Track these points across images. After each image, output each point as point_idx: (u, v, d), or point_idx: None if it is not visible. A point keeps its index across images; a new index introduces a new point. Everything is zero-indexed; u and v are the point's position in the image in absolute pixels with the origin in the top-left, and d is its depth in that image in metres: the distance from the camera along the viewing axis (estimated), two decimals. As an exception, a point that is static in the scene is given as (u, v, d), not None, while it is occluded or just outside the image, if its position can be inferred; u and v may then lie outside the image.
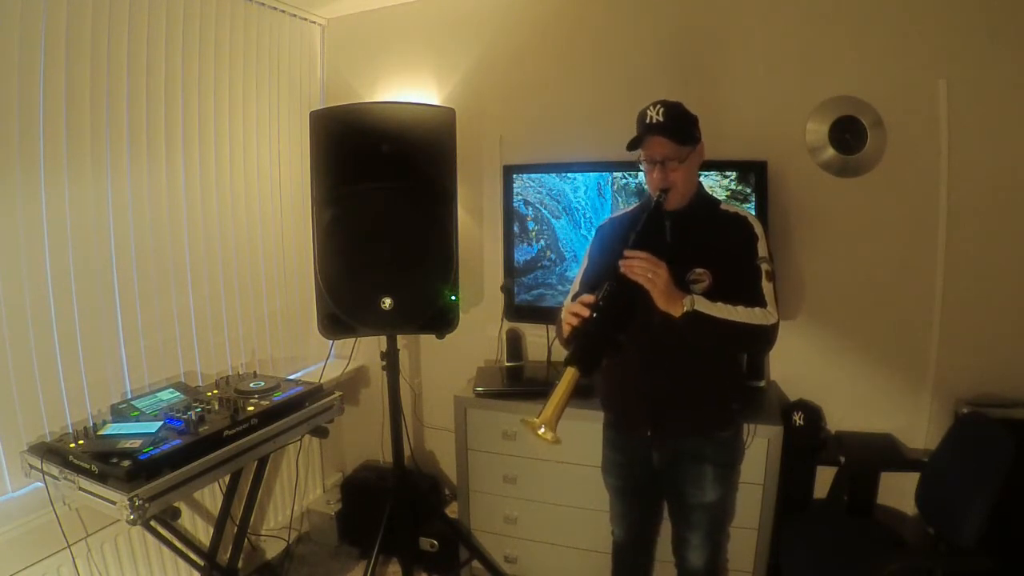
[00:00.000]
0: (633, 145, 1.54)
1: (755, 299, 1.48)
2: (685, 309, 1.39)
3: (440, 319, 2.10)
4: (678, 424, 1.61)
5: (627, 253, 1.40)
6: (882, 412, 2.19)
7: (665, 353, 1.56)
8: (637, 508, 1.81)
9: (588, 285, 1.65)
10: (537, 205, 2.36)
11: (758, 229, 1.56)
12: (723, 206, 1.64)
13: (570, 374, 1.35)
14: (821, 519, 2.03)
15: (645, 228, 1.48)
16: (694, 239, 1.54)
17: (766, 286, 1.51)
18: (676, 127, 1.49)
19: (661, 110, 1.49)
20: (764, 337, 1.48)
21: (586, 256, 1.75)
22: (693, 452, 1.63)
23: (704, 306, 1.41)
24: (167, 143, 2.08)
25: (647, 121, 1.50)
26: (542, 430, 1.33)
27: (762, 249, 1.54)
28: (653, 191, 1.55)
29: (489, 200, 2.63)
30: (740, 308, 1.45)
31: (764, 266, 1.52)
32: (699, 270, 1.51)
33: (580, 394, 1.89)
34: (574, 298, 1.65)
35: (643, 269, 1.37)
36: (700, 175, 1.67)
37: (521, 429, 1.42)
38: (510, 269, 2.43)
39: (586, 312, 1.38)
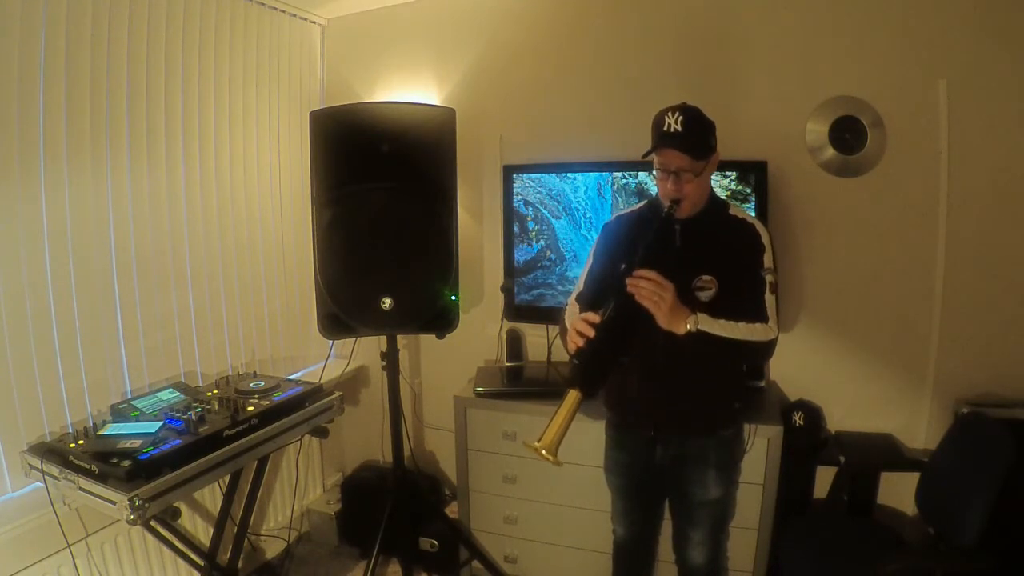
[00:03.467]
0: (648, 154, 1.52)
1: (757, 312, 1.50)
2: (689, 328, 1.40)
3: (440, 319, 2.10)
4: (681, 422, 1.62)
5: (632, 278, 1.40)
6: (882, 412, 2.19)
7: (668, 355, 1.57)
8: (639, 507, 1.81)
9: (593, 287, 1.67)
10: (537, 205, 2.36)
11: (765, 239, 1.55)
12: (732, 210, 1.62)
13: (572, 397, 1.37)
14: (821, 519, 2.03)
15: (654, 239, 1.47)
16: (702, 245, 1.55)
17: (768, 299, 1.51)
18: (693, 139, 1.45)
19: (680, 119, 1.44)
20: (763, 352, 1.51)
21: (591, 255, 1.75)
22: (696, 450, 1.64)
23: (708, 325, 1.42)
24: (167, 143, 2.08)
25: (664, 129, 1.46)
26: (544, 452, 1.35)
27: (767, 260, 1.54)
28: (664, 200, 1.53)
29: (489, 200, 2.63)
30: (742, 325, 1.46)
31: (768, 278, 1.52)
32: (706, 277, 1.52)
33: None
34: (578, 298, 1.67)
35: (649, 292, 1.38)
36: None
37: (524, 443, 1.45)
38: (510, 269, 2.43)
39: (591, 332, 1.39)
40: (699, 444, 1.64)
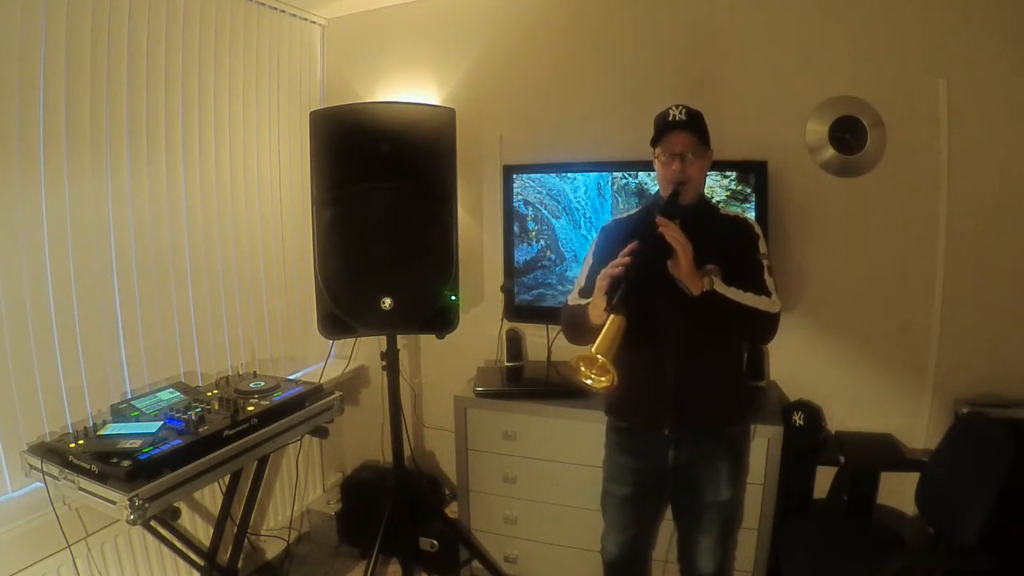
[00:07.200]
0: (655, 141, 1.61)
1: (760, 289, 1.57)
2: (705, 288, 1.47)
3: (440, 319, 2.10)
4: (695, 419, 1.63)
5: (660, 220, 1.47)
6: (882, 412, 2.19)
7: (682, 351, 1.61)
8: (639, 519, 1.80)
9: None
10: (537, 205, 2.36)
11: (758, 229, 1.67)
12: (723, 210, 1.73)
13: (615, 321, 1.40)
14: (821, 519, 2.03)
15: (665, 214, 1.53)
16: (702, 237, 1.56)
17: (768, 279, 1.59)
18: (697, 125, 1.59)
19: (683, 110, 1.58)
20: (769, 323, 1.57)
21: (590, 254, 1.76)
22: (709, 449, 1.66)
23: (721, 287, 1.50)
24: (167, 143, 2.08)
25: (669, 119, 1.58)
26: (601, 358, 1.35)
27: (762, 247, 1.63)
28: (667, 186, 1.60)
29: (489, 200, 2.63)
30: (749, 294, 1.54)
31: (765, 261, 1.61)
32: (709, 266, 1.55)
33: (580, 395, 1.90)
34: (581, 292, 1.68)
35: (676, 234, 1.45)
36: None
37: (571, 362, 1.45)
38: (510, 269, 2.43)
39: (628, 260, 1.45)
40: (712, 442, 1.66)
